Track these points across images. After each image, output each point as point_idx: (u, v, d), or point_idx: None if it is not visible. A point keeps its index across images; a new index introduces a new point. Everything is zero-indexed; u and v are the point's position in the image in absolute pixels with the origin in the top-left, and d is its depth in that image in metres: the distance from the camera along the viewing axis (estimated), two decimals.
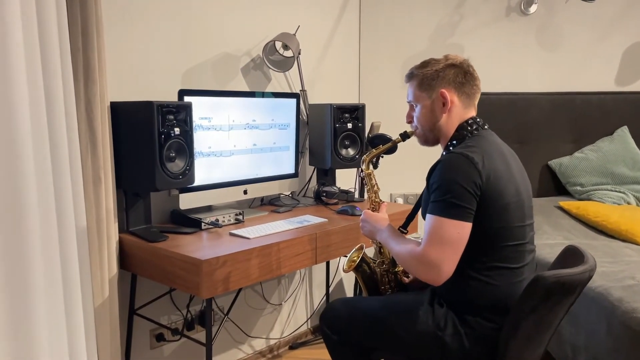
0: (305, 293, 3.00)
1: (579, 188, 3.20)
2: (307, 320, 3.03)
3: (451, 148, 1.65)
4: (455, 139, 1.65)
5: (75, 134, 1.65)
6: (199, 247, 1.88)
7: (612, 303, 1.94)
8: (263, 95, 2.39)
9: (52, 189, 1.57)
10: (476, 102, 1.69)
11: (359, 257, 1.89)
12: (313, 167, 2.83)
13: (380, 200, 1.89)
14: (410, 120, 1.76)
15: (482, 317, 1.58)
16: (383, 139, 2.55)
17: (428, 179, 1.59)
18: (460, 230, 1.48)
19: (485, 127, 1.67)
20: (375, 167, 2.73)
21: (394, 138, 2.55)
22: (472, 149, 1.54)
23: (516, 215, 1.56)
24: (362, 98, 3.21)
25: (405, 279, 1.90)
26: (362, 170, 1.92)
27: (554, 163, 3.29)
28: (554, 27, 3.28)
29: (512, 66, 3.29)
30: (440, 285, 1.54)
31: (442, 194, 1.50)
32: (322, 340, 2.97)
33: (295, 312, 2.95)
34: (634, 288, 2.00)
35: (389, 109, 3.18)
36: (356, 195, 2.84)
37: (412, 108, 1.75)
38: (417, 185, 3.29)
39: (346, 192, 2.64)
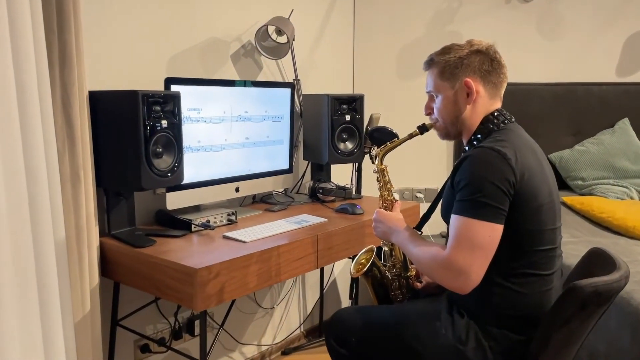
0: (298, 295, 2.84)
1: (580, 182, 3.09)
2: (300, 325, 2.87)
3: (475, 142, 1.50)
4: (480, 132, 1.49)
5: (51, 127, 1.43)
6: (191, 253, 1.69)
7: (637, 308, 1.82)
8: (245, 84, 2.18)
9: (25, 192, 1.36)
10: (502, 93, 1.54)
11: (367, 260, 1.73)
12: (307, 161, 2.66)
13: (394, 199, 1.73)
14: (429, 112, 1.60)
15: (508, 328, 1.44)
16: (384, 132, 2.39)
17: (453, 175, 1.43)
18: (491, 233, 1.33)
19: (513, 120, 1.52)
20: (373, 162, 2.57)
21: (396, 131, 2.42)
22: (502, 144, 1.39)
23: (549, 217, 1.42)
24: (357, 88, 3.04)
25: (417, 284, 1.74)
26: (375, 165, 1.75)
27: (554, 156, 3.18)
28: (554, 16, 3.15)
29: (512, 55, 3.13)
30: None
31: (471, 192, 1.34)
32: (316, 344, 2.82)
33: (287, 316, 2.79)
34: None
35: (385, 100, 3.02)
36: (354, 191, 2.67)
37: (431, 98, 1.58)
38: (413, 180, 3.15)
39: (344, 188, 2.48)
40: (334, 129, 2.40)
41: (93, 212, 1.66)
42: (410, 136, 1.66)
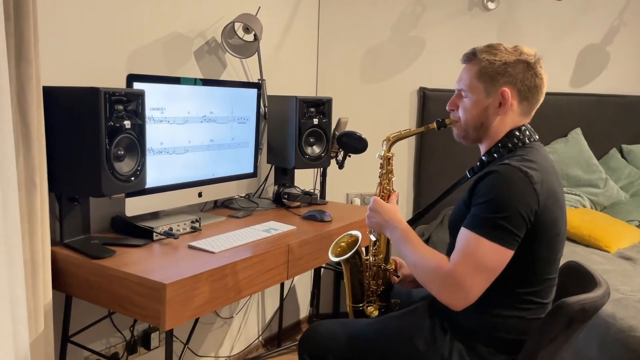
0: (257, 304, 2.73)
1: None
2: (259, 335, 2.76)
3: (496, 155, 1.41)
4: (503, 145, 1.41)
5: (9, 126, 1.26)
6: (157, 265, 1.56)
7: (605, 320, 1.84)
8: (195, 82, 2.02)
9: None
10: (534, 112, 1.45)
11: (348, 245, 1.66)
12: (270, 165, 2.56)
13: (392, 189, 1.61)
14: (453, 108, 1.49)
15: (496, 348, 1.40)
16: (353, 137, 2.34)
17: (472, 189, 1.34)
18: (500, 257, 1.28)
19: (537, 138, 1.45)
20: (340, 167, 2.51)
21: (365, 137, 2.36)
22: (530, 165, 1.31)
23: (561, 246, 1.40)
24: (320, 91, 2.97)
25: (394, 277, 1.65)
26: (382, 151, 1.61)
27: None
28: (514, 25, 3.19)
29: None
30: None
31: (491, 211, 1.27)
32: (274, 354, 2.73)
33: (246, 325, 2.67)
34: (623, 302, 1.92)
35: (347, 104, 2.96)
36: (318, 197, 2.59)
37: (459, 96, 1.47)
38: (373, 186, 3.10)
39: (309, 194, 2.39)
40: (301, 133, 2.32)
41: (47, 220, 1.50)
42: (427, 129, 1.54)
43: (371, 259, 1.64)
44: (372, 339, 1.51)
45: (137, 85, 1.75)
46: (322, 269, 2.81)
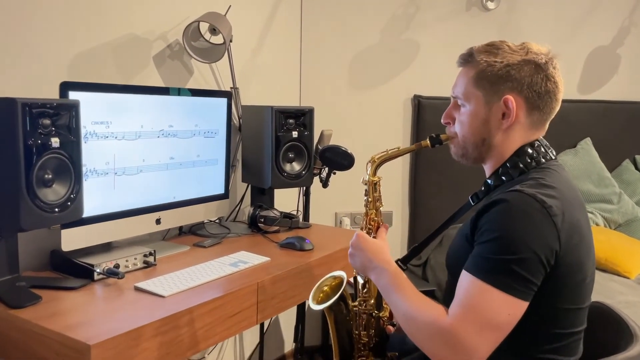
0: (234, 339, 2.43)
1: None
2: None
3: (504, 178, 1.16)
4: (514, 166, 1.15)
5: None
6: (88, 316, 1.27)
7: None
8: (179, 92, 1.80)
9: None
10: (548, 122, 1.20)
11: (332, 289, 1.38)
12: (246, 185, 2.27)
13: (381, 221, 1.34)
14: (448, 121, 1.24)
15: None
16: (337, 152, 2.05)
17: (474, 220, 1.08)
18: (512, 311, 1.00)
19: (555, 156, 1.19)
20: (324, 186, 2.22)
21: (350, 152, 2.07)
22: (548, 192, 1.05)
23: (588, 292, 1.12)
24: (304, 99, 2.68)
25: (390, 327, 1.38)
26: (367, 176, 1.35)
27: None
28: (515, 27, 2.91)
29: None
30: None
31: (500, 252, 1.00)
32: None
33: None
34: None
35: (334, 114, 2.68)
36: (301, 219, 2.29)
37: (455, 106, 1.22)
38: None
39: (290, 216, 2.10)
40: (278, 147, 2.03)
41: None
42: (419, 147, 1.28)
43: (360, 305, 1.36)
44: None
45: (73, 95, 1.46)
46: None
